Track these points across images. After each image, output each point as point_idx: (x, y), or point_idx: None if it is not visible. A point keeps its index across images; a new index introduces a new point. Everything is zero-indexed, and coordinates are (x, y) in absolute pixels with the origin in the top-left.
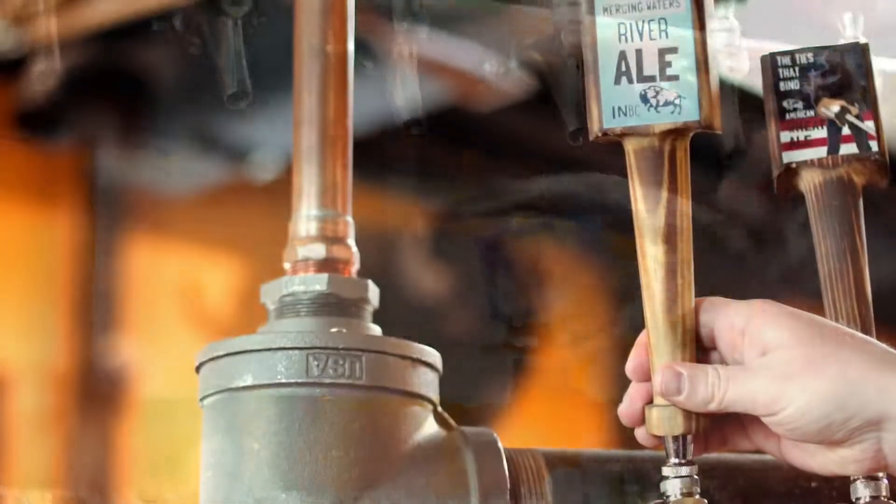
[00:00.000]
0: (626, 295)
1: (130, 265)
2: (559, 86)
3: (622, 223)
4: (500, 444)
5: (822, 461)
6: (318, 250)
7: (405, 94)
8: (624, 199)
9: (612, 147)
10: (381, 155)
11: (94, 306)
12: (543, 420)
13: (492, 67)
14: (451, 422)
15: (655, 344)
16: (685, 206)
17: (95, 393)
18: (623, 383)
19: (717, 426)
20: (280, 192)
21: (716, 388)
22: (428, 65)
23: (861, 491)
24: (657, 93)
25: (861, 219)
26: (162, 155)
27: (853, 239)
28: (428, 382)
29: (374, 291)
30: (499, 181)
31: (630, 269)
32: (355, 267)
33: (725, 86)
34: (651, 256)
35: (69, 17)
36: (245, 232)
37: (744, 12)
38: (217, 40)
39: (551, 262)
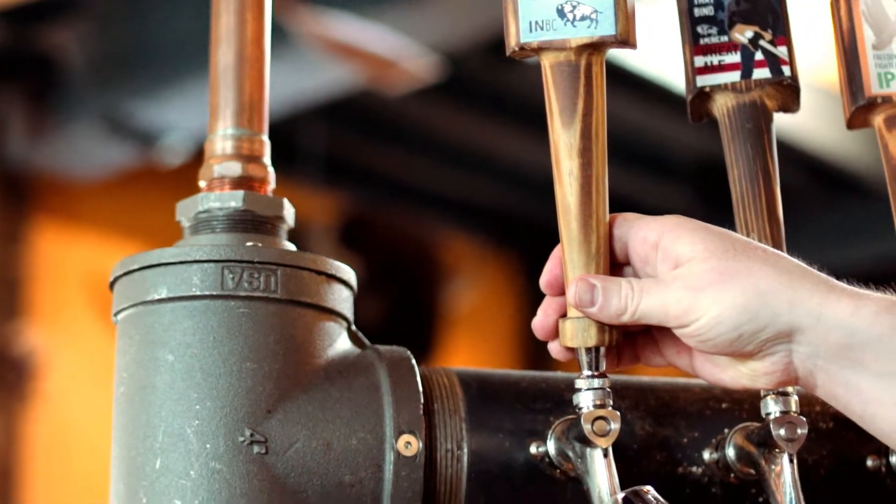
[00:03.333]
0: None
1: (36, 252)
2: None
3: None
4: (414, 362)
5: (734, 375)
6: (234, 168)
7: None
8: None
9: (521, 134)
10: (289, 140)
11: None
12: None
13: (404, 52)
14: (365, 340)
15: (569, 257)
16: (601, 120)
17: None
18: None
19: (629, 342)
20: (190, 177)
21: (629, 300)
22: (339, 48)
23: (771, 407)
24: (574, 7)
25: (773, 142)
26: (69, 139)
27: (765, 161)
28: (343, 299)
29: (289, 210)
30: (408, 170)
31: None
32: (271, 186)
33: None
34: (566, 171)
35: None
36: (153, 218)
37: None
38: None
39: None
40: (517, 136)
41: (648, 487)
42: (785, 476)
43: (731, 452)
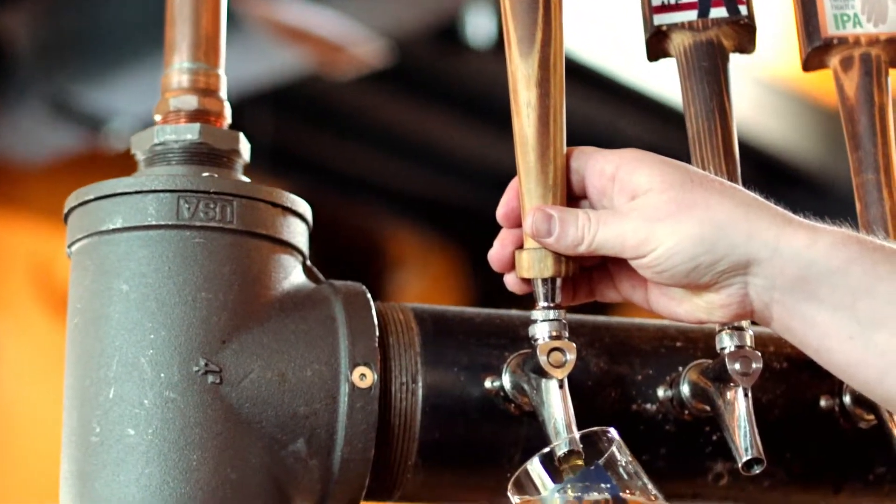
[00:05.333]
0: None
1: None
2: None
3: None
4: (370, 296)
5: (689, 308)
6: (190, 101)
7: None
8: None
9: (467, 125)
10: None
11: None
12: None
13: (353, 37)
14: (320, 275)
15: (527, 188)
16: (559, 52)
17: None
18: None
19: (584, 277)
20: (136, 162)
21: (586, 230)
22: (286, 31)
23: (726, 341)
24: None
25: (729, 81)
26: (14, 122)
27: (721, 99)
28: (299, 233)
29: (245, 145)
30: (354, 160)
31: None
32: (227, 121)
33: None
34: (524, 101)
35: None
36: None
37: None
38: None
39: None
40: (463, 127)
41: (611, 429)
42: (740, 410)
43: (685, 389)
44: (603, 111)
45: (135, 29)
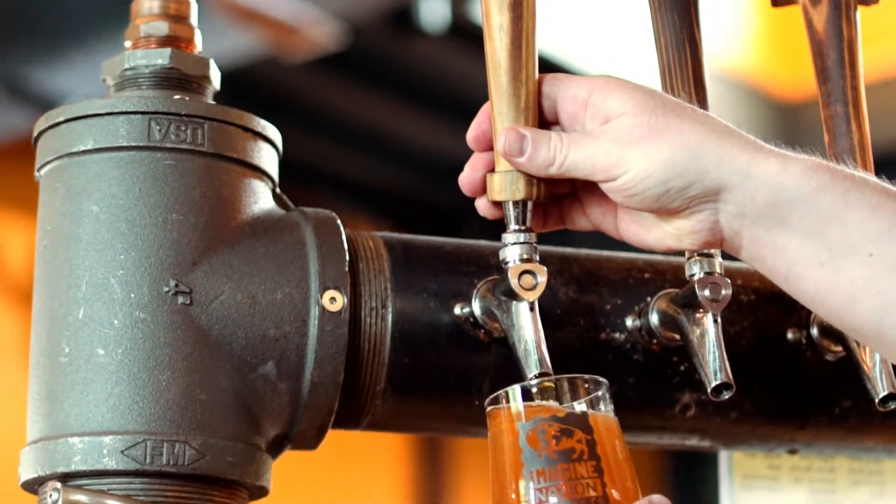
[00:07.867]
0: None
1: None
2: None
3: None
4: (340, 223)
5: (659, 235)
6: (161, 27)
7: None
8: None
9: (420, 114)
10: None
11: None
12: None
13: (306, 18)
14: (290, 202)
15: (498, 111)
16: None
17: None
18: None
19: (554, 203)
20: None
21: (557, 151)
22: (240, 11)
23: (695, 268)
24: None
25: (699, 12)
26: None
27: (692, 30)
28: (269, 159)
29: (215, 71)
30: (305, 147)
31: None
32: (198, 48)
33: None
34: (496, 25)
35: None
36: None
37: None
38: None
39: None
40: (415, 114)
41: (602, 379)
42: (709, 336)
43: (654, 318)
44: None
45: (89, 10)
